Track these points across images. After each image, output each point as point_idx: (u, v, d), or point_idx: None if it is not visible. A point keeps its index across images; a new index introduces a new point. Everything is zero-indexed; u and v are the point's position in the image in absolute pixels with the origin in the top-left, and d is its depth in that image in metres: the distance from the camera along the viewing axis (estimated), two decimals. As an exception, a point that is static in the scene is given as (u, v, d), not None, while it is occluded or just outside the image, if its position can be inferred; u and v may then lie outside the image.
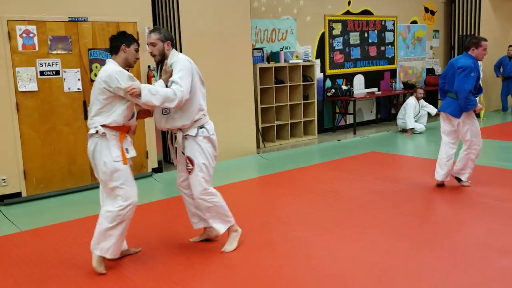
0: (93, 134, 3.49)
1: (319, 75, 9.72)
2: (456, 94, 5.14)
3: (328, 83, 9.91)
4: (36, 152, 5.75)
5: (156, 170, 6.75)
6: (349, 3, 10.05)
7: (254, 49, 8.49)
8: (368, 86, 10.68)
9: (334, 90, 9.69)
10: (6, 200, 5.59)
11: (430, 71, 11.74)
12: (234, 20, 7.41)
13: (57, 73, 5.77)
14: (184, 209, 4.09)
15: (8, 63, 5.48)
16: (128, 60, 3.63)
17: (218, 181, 5.15)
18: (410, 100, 9.31)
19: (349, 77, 10.30)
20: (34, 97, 5.67)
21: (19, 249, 4.17)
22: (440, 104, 5.61)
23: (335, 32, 9.90)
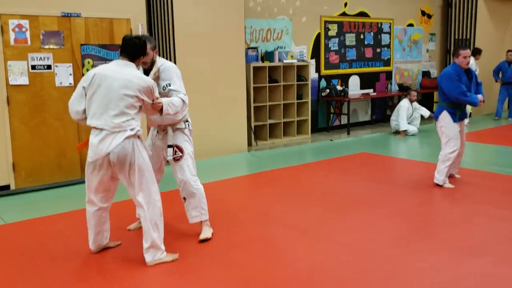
0: (129, 136, 3.47)
1: (314, 75, 9.76)
2: (448, 100, 5.48)
3: (323, 83, 9.94)
4: (25, 145, 5.80)
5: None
6: (345, 5, 10.08)
7: (249, 48, 8.53)
8: (363, 87, 10.71)
9: (328, 90, 9.72)
10: (-6, 192, 5.65)
11: (426, 74, 11.77)
12: (228, 19, 7.45)
13: (48, 67, 5.82)
14: (166, 204, 4.13)
15: (-1, 57, 5.53)
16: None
17: (205, 178, 5.19)
18: (403, 102, 9.34)
19: (344, 77, 10.33)
20: (25, 90, 5.72)
21: (2, 241, 4.22)
22: (436, 107, 5.97)
23: (331, 33, 9.94)
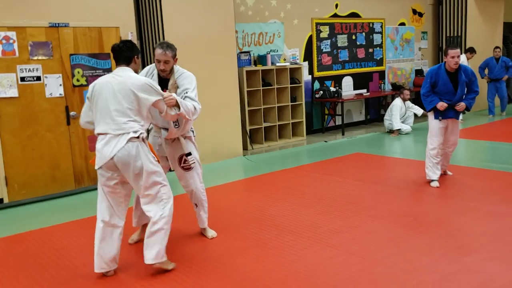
0: (132, 138, 3.43)
1: (307, 77, 9.77)
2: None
3: (316, 85, 9.95)
4: (17, 158, 5.78)
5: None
6: (336, 6, 10.10)
7: (241, 52, 8.54)
8: (357, 87, 10.73)
9: (322, 92, 9.74)
10: (-12, 206, 5.64)
11: (419, 72, 11.79)
12: (218, 24, 7.45)
13: (38, 78, 5.81)
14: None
15: (-12, 70, 5.52)
16: (136, 71, 3.66)
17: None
18: (396, 101, 9.35)
19: (337, 79, 10.34)
20: (15, 103, 5.70)
21: (-5, 254, 4.21)
22: None
23: (323, 35, 9.95)
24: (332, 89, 9.89)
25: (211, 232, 4.35)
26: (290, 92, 9.13)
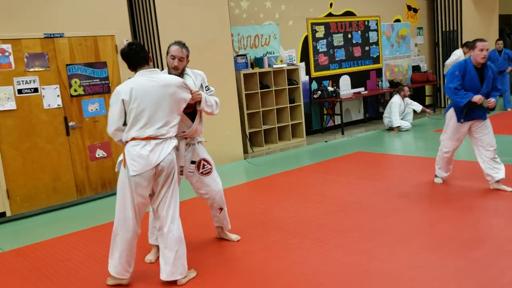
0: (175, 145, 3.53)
1: (305, 78, 9.75)
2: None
3: (314, 85, 9.93)
4: (18, 171, 5.75)
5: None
6: (331, 5, 10.09)
7: (238, 55, 8.52)
8: (354, 86, 10.71)
9: (320, 92, 9.72)
10: (-10, 220, 5.60)
11: (416, 68, 11.78)
12: (214, 29, 7.43)
13: (35, 90, 5.78)
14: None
15: (-15, 83, 5.49)
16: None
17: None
18: (395, 98, 9.34)
19: (335, 78, 10.33)
20: (13, 115, 5.67)
21: (1, 270, 4.17)
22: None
23: (318, 34, 9.94)
24: (330, 88, 9.87)
25: (234, 235, 4.33)
26: (288, 93, 9.11)
